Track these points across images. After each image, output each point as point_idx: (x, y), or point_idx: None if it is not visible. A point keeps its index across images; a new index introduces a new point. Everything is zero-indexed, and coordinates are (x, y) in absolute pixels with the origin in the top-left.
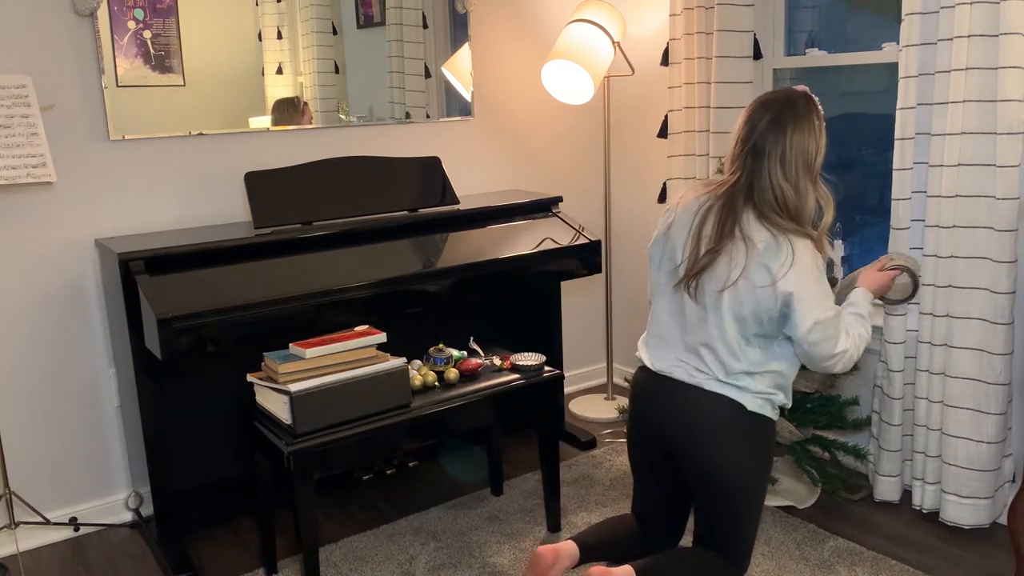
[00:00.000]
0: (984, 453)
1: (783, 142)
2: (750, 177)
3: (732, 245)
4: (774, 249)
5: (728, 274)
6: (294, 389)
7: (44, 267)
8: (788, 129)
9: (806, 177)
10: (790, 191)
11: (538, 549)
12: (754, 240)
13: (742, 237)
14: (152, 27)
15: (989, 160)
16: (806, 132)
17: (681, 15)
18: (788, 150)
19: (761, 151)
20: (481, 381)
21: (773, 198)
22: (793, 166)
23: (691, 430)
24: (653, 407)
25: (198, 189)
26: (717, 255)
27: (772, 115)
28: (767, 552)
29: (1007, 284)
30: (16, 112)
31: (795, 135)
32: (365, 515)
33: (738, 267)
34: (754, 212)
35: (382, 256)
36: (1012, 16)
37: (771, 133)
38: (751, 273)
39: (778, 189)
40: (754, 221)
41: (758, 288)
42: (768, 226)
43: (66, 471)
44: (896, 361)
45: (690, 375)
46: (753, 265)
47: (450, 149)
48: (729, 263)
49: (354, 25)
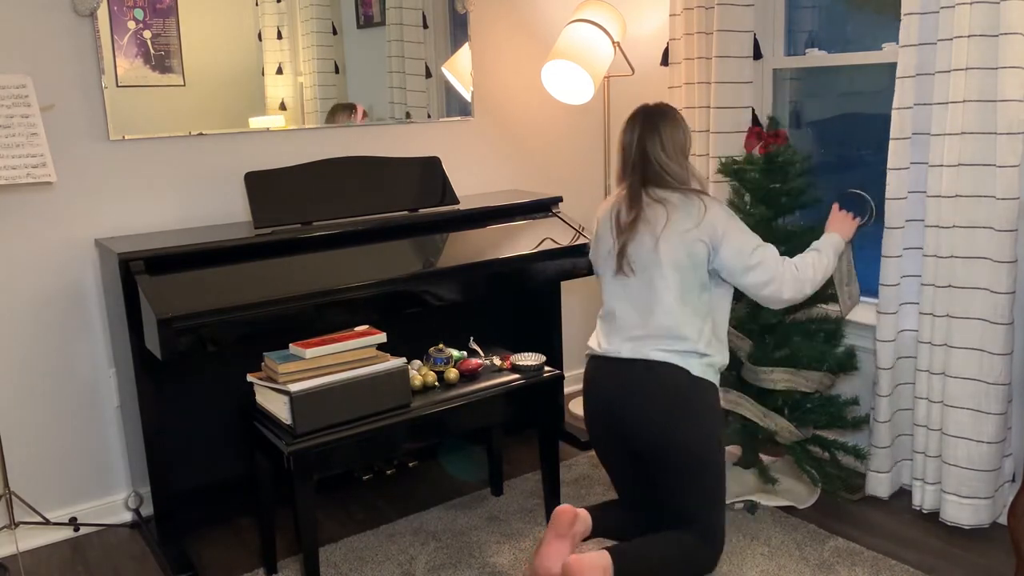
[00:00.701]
0: (984, 453)
1: (658, 138)
2: (643, 172)
3: (648, 211)
4: (686, 203)
5: (654, 230)
6: (294, 389)
7: (44, 267)
8: (659, 127)
9: (684, 159)
10: (677, 169)
11: (559, 507)
12: (667, 199)
13: (654, 201)
14: (152, 27)
15: (989, 160)
16: (673, 126)
17: (681, 15)
18: (666, 142)
19: (645, 151)
20: (481, 381)
21: (666, 174)
22: (673, 152)
23: (640, 402)
24: (603, 388)
25: (198, 189)
26: (635, 224)
27: (641, 123)
28: (767, 552)
29: (1007, 284)
30: (16, 112)
31: (666, 130)
32: (365, 515)
33: (660, 220)
34: (655, 186)
35: (382, 256)
36: (1012, 16)
37: (648, 136)
38: (674, 223)
39: (667, 169)
40: (658, 190)
41: (686, 232)
42: (672, 189)
43: (66, 471)
44: (885, 359)
45: (634, 350)
46: (674, 217)
47: (450, 149)
48: (651, 223)
49: (354, 25)
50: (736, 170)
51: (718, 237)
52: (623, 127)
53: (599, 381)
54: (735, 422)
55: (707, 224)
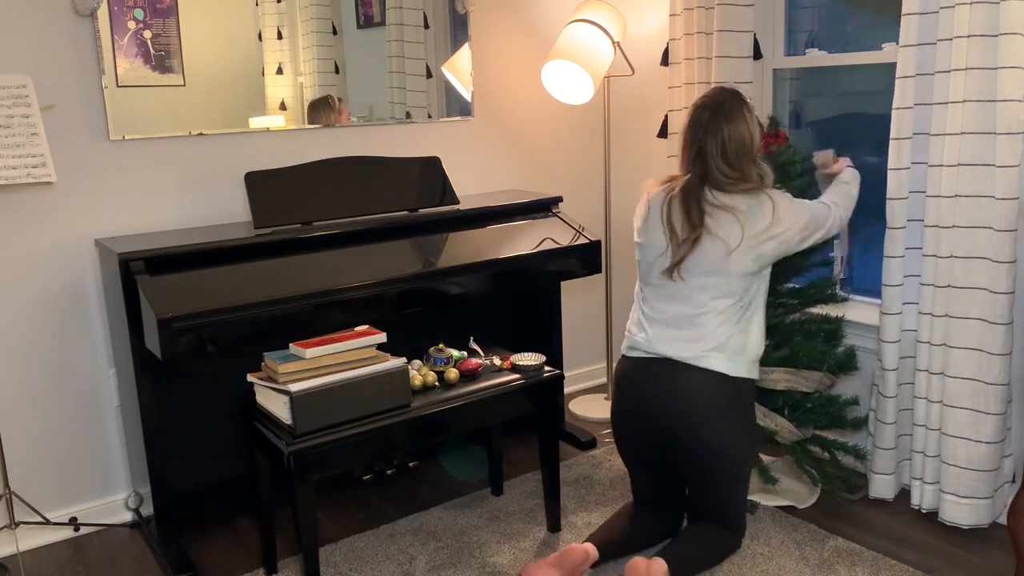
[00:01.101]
0: (983, 453)
1: (721, 137)
2: (702, 172)
3: (713, 221)
4: (755, 205)
5: (727, 243)
6: (294, 389)
7: (44, 267)
8: (723, 126)
9: (747, 161)
10: (735, 174)
11: (570, 546)
12: (735, 207)
13: (718, 209)
14: (152, 27)
15: (988, 160)
16: (739, 124)
17: (681, 15)
18: (728, 143)
19: (704, 150)
20: (481, 381)
21: (726, 179)
22: (735, 154)
23: (688, 406)
24: (644, 388)
25: (198, 189)
26: (699, 240)
27: (708, 116)
28: (767, 552)
29: (1006, 284)
30: (16, 112)
31: (730, 129)
32: (365, 515)
33: (734, 233)
34: (715, 189)
35: (382, 256)
36: (1012, 16)
37: (710, 133)
38: (748, 233)
39: (726, 175)
40: (720, 194)
41: (757, 236)
42: (736, 191)
43: (66, 471)
44: (890, 360)
45: (679, 351)
46: (747, 224)
47: (450, 149)
48: (721, 236)
49: (354, 25)
50: None
51: (785, 228)
52: (688, 112)
53: (639, 381)
54: None
55: (778, 221)
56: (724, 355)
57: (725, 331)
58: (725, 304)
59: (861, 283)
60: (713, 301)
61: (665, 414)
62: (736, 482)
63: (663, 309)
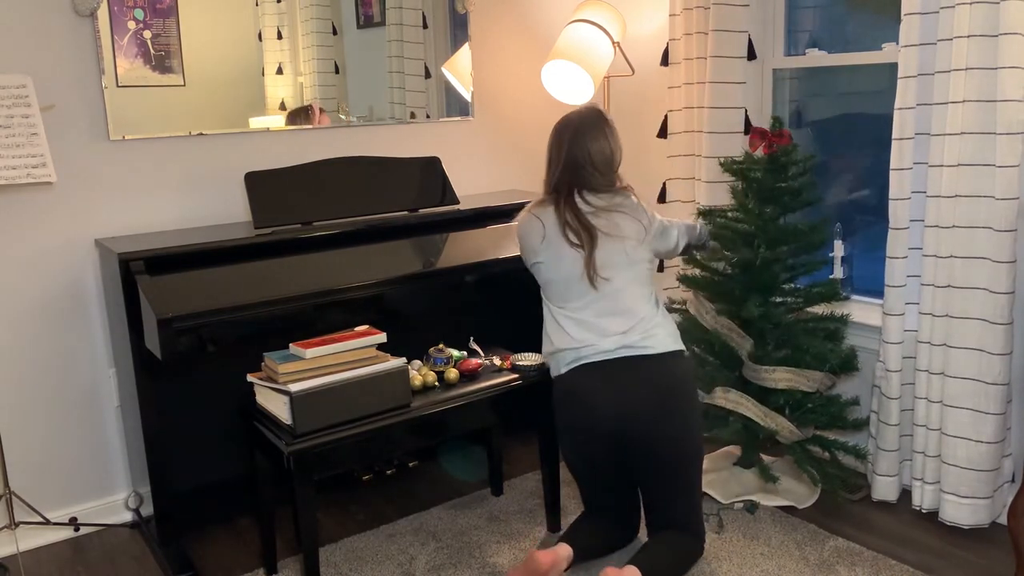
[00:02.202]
0: (983, 453)
1: (587, 149)
2: (572, 180)
3: (607, 221)
4: (634, 204)
5: (627, 238)
6: (294, 389)
7: (44, 267)
8: (587, 142)
9: (612, 173)
10: (606, 180)
11: (534, 553)
12: (619, 202)
13: (607, 208)
14: (152, 27)
15: (989, 160)
16: (600, 140)
17: (681, 15)
18: (594, 155)
19: (571, 162)
20: (481, 381)
21: (600, 183)
22: (603, 164)
23: (653, 396)
24: (592, 393)
25: (198, 189)
26: (599, 241)
27: (571, 133)
28: (767, 552)
29: (1006, 284)
30: (16, 112)
31: (593, 144)
32: (365, 515)
33: (631, 228)
34: (591, 193)
35: (382, 256)
36: (1012, 16)
37: (576, 146)
38: (635, 227)
39: (597, 179)
40: (600, 196)
41: (643, 230)
42: (612, 192)
43: (66, 471)
44: (894, 361)
45: (621, 343)
46: (637, 215)
47: (450, 149)
48: (619, 234)
49: (354, 25)
50: (740, 170)
51: (656, 226)
52: (552, 133)
53: (592, 390)
54: (736, 422)
55: (650, 218)
56: (666, 331)
57: (660, 313)
58: (647, 291)
59: (861, 283)
60: (639, 290)
61: (627, 415)
62: (696, 482)
63: (598, 312)
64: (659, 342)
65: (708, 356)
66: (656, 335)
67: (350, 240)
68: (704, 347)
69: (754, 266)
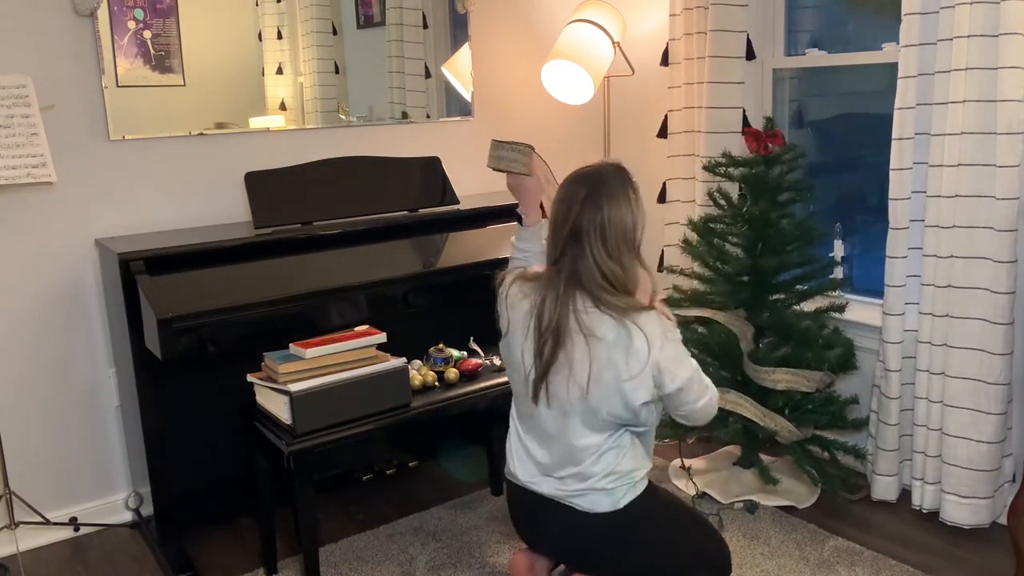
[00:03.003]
0: (984, 453)
1: (600, 219)
2: (573, 262)
3: (572, 344)
4: (626, 340)
5: (579, 377)
6: (294, 389)
7: (44, 267)
8: (603, 205)
9: (628, 252)
10: (616, 268)
11: (514, 556)
12: (597, 334)
13: (581, 331)
14: (152, 27)
15: (989, 160)
16: (622, 206)
17: (681, 15)
18: (607, 227)
19: (579, 232)
20: (481, 381)
21: (601, 278)
22: (614, 242)
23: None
24: (528, 519)
25: (198, 189)
26: (555, 357)
27: (585, 193)
28: (767, 552)
29: (1007, 284)
30: (16, 112)
31: (611, 210)
32: (365, 515)
33: (584, 365)
34: (588, 298)
35: (382, 256)
36: (1012, 16)
37: (587, 212)
38: (608, 371)
39: (604, 268)
40: (592, 309)
41: (626, 381)
42: (608, 312)
43: (66, 471)
44: (894, 361)
45: (555, 490)
46: (610, 360)
47: (450, 149)
48: (574, 365)
49: (354, 25)
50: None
51: (663, 375)
52: (561, 186)
53: (524, 514)
54: (735, 422)
55: (653, 365)
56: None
57: (600, 466)
58: (598, 442)
59: (861, 283)
60: (587, 440)
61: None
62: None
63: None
64: (596, 502)
65: (707, 357)
66: (592, 496)
67: (350, 240)
68: (703, 348)
69: (753, 266)
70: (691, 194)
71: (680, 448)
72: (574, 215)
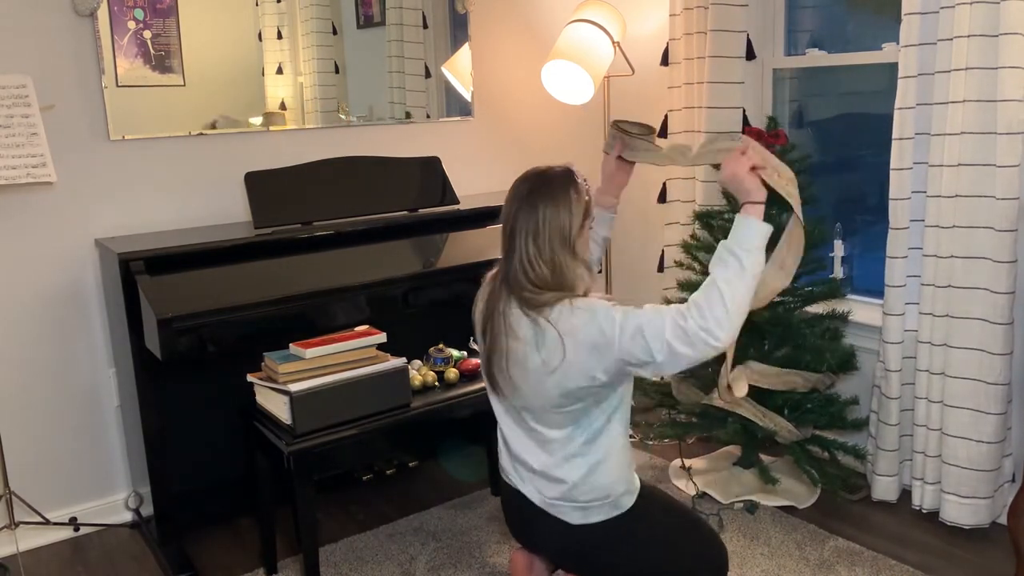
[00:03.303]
0: (984, 453)
1: (535, 219)
2: (507, 262)
3: (503, 344)
4: (539, 336)
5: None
6: (294, 389)
7: (44, 267)
8: (539, 205)
9: (564, 252)
10: (544, 269)
11: (513, 555)
12: (519, 335)
13: (505, 332)
14: (152, 27)
15: (989, 160)
16: (560, 206)
17: (681, 15)
18: (541, 227)
19: (514, 231)
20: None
21: (526, 279)
22: (547, 242)
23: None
24: (526, 532)
25: (198, 189)
26: (492, 358)
27: (525, 191)
28: (767, 552)
29: (1007, 284)
30: (16, 112)
31: (547, 211)
32: (365, 515)
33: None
34: (514, 298)
35: (382, 256)
36: (1012, 16)
37: (522, 212)
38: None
39: (531, 267)
40: (515, 310)
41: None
42: (526, 311)
43: (66, 471)
44: (894, 361)
45: (536, 494)
46: (524, 356)
47: (450, 149)
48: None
49: (354, 25)
50: None
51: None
52: (511, 188)
53: (517, 517)
54: (735, 422)
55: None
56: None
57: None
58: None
59: (861, 283)
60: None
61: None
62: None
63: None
64: (572, 517)
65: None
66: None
67: (350, 240)
68: None
69: None
70: (691, 194)
71: (680, 448)
72: (512, 214)
